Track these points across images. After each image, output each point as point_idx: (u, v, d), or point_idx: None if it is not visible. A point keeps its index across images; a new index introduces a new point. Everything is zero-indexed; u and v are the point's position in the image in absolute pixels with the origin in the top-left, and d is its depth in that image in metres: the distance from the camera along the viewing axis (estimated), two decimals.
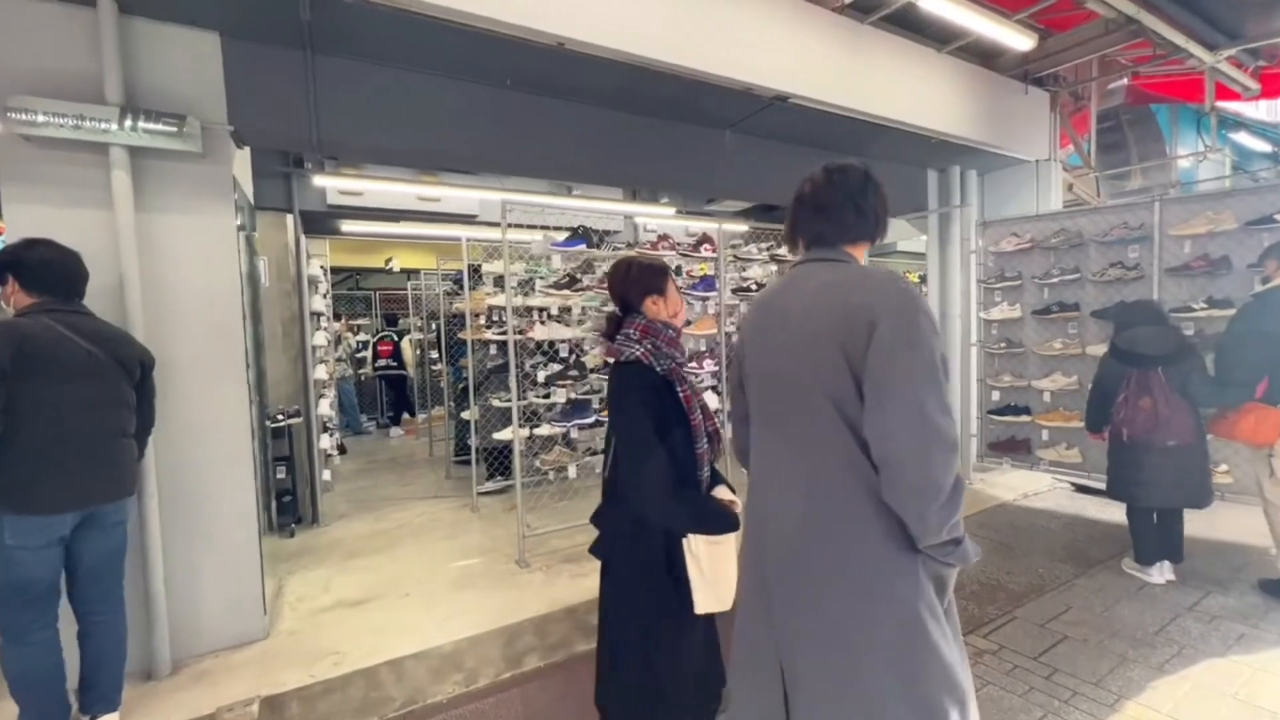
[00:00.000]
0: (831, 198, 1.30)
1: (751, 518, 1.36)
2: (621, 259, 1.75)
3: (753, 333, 1.39)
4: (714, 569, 1.58)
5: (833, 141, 4.67)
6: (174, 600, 2.61)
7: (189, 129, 2.48)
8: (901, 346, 1.08)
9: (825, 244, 1.31)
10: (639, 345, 1.60)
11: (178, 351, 2.61)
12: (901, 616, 1.12)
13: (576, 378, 3.78)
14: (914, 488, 1.06)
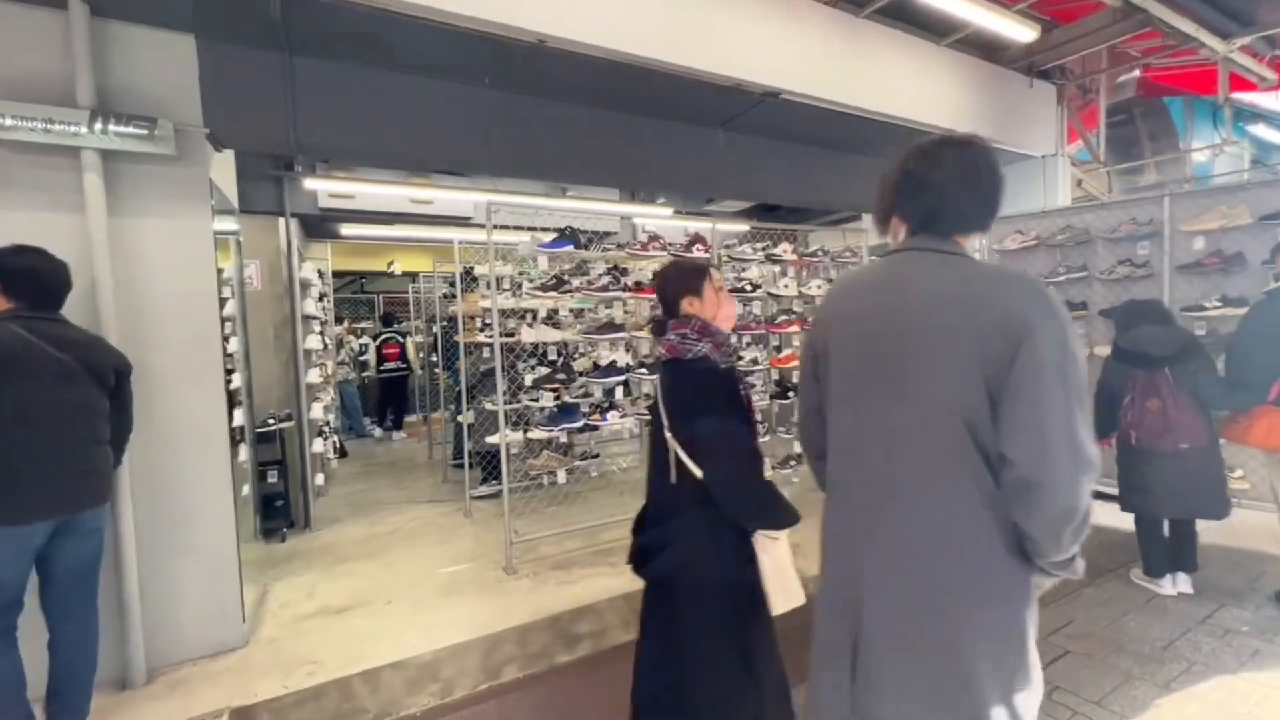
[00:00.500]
0: (951, 178, 1.13)
1: (836, 518, 1.24)
2: (668, 262, 1.74)
3: (840, 321, 1.24)
4: (780, 566, 1.55)
5: (829, 139, 4.58)
6: (150, 608, 2.58)
7: (161, 131, 2.45)
8: (1059, 360, 0.98)
9: (936, 231, 1.15)
10: (703, 343, 1.56)
11: (154, 356, 2.58)
12: (1012, 627, 1.08)
13: (564, 381, 3.71)
14: (1060, 511, 0.99)
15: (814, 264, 4.88)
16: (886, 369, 1.12)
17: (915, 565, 1.09)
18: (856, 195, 5.05)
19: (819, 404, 1.28)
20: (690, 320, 1.60)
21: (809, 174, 4.71)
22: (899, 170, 1.19)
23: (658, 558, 1.59)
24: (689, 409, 1.54)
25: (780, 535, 1.56)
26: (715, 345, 1.57)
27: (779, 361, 4.64)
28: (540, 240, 3.55)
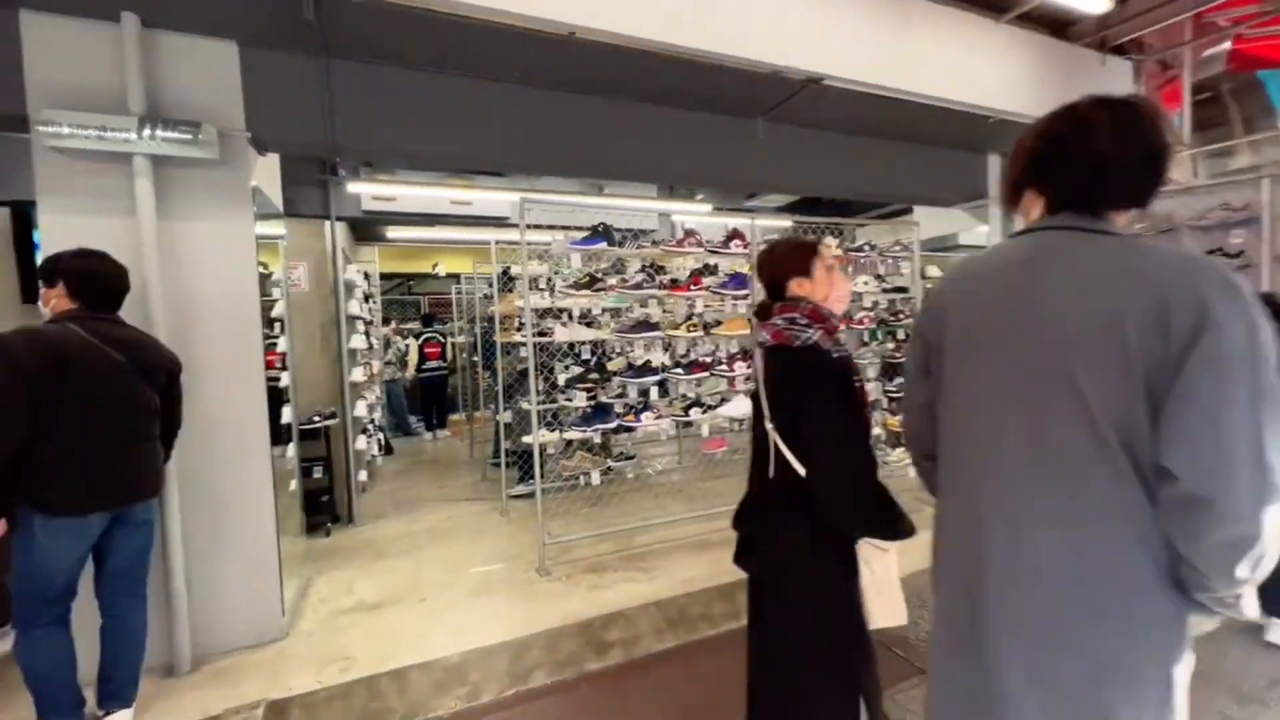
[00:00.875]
0: (1109, 144, 0.95)
1: (953, 534, 1.10)
2: (774, 240, 1.62)
3: (960, 308, 1.09)
4: (885, 580, 1.45)
5: (877, 127, 4.34)
6: (196, 599, 2.66)
7: (204, 136, 2.52)
8: (1246, 357, 0.83)
9: (1088, 207, 0.98)
10: (813, 329, 1.44)
11: (197, 355, 2.67)
12: (1160, 670, 0.93)
13: (597, 381, 3.65)
14: (1234, 537, 0.83)
15: (860, 260, 4.64)
16: (1021, 365, 0.97)
17: (1051, 596, 0.94)
18: (907, 186, 4.78)
19: (929, 400, 1.15)
20: (799, 303, 1.49)
21: (855, 165, 4.48)
22: (1040, 137, 1.02)
23: (753, 553, 1.54)
24: (794, 400, 1.44)
25: (889, 546, 1.45)
26: (827, 331, 1.45)
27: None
28: (573, 238, 3.49)
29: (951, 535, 1.08)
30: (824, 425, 1.39)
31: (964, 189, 5.05)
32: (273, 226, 3.49)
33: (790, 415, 1.44)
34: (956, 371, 1.08)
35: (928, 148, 4.77)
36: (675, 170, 3.88)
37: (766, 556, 1.52)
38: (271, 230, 3.51)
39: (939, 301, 1.15)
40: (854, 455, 1.39)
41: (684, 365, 3.88)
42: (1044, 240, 1.00)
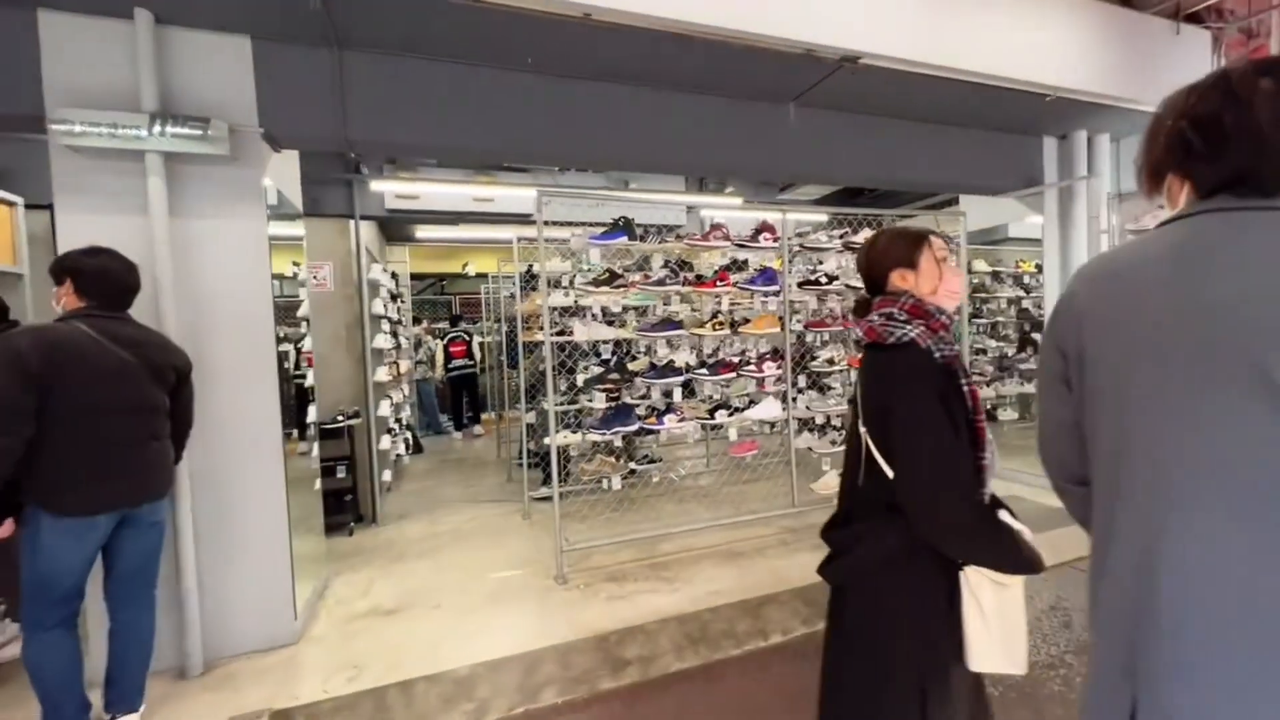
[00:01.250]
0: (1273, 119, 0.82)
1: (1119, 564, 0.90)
2: (876, 231, 1.51)
3: (1107, 311, 0.94)
4: (1000, 618, 1.27)
5: (919, 110, 4.05)
6: (207, 601, 2.64)
7: (214, 132, 2.49)
8: None
9: (1250, 191, 0.84)
10: (911, 326, 1.30)
11: (209, 354, 2.64)
12: None
13: (618, 382, 3.50)
14: None
15: None
16: (1199, 363, 0.81)
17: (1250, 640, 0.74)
18: (951, 174, 4.45)
19: (1072, 418, 0.99)
20: (899, 298, 1.35)
21: (894, 152, 4.18)
22: (1185, 115, 0.87)
23: (835, 562, 1.39)
24: (885, 403, 1.29)
25: (1009, 580, 1.26)
26: (930, 328, 1.30)
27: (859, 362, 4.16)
28: (592, 233, 3.35)
29: (1116, 570, 0.89)
30: (911, 429, 1.24)
31: (1016, 175, 4.68)
32: (292, 226, 3.46)
33: (879, 417, 1.30)
34: (1112, 381, 0.91)
35: (975, 131, 4.43)
36: (701, 161, 3.69)
37: (845, 568, 1.37)
38: (291, 230, 3.48)
39: (1074, 306, 0.98)
40: (944, 464, 1.22)
41: (709, 365, 3.69)
42: (1205, 225, 0.83)
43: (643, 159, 3.53)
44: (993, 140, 4.52)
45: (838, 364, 4.08)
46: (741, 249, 3.77)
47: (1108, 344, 0.90)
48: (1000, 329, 5.95)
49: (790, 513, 4.05)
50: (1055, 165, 4.76)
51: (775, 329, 3.85)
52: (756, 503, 4.44)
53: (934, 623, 1.28)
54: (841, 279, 4.11)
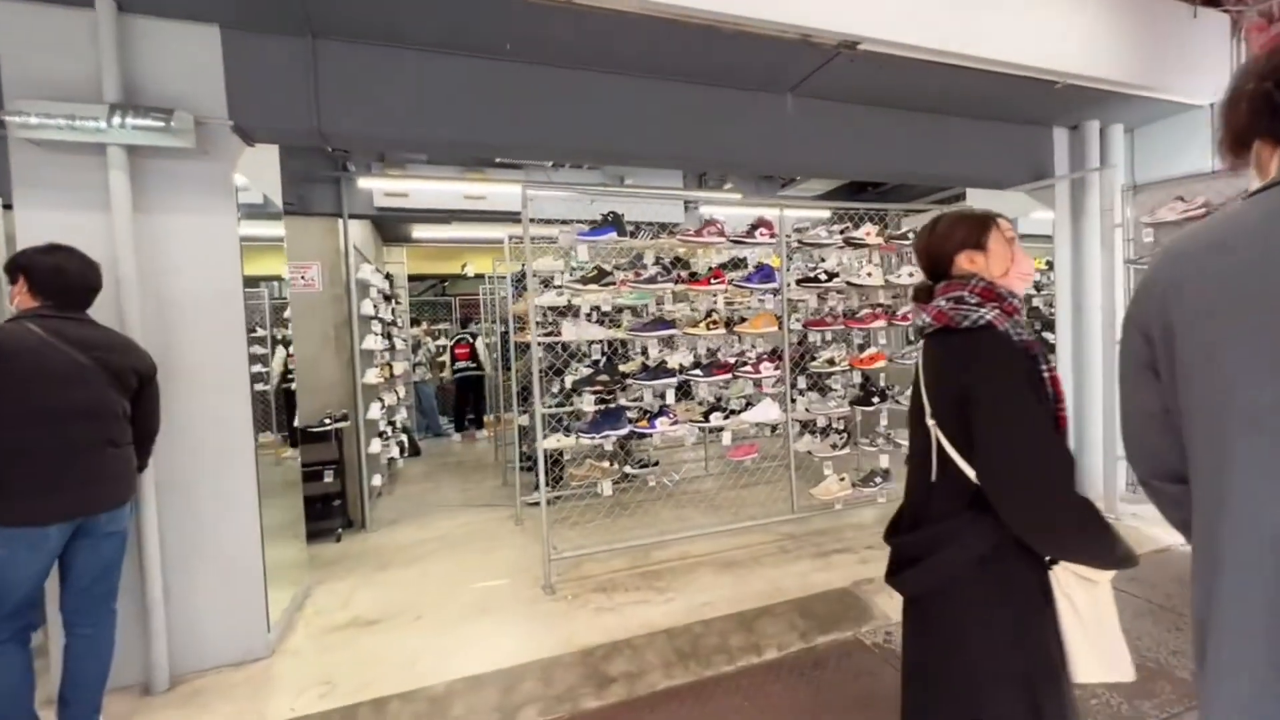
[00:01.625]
0: None
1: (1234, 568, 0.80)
2: (938, 214, 1.41)
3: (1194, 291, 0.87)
4: (1093, 619, 1.18)
5: (924, 98, 3.88)
6: (175, 613, 2.53)
7: (178, 123, 2.38)
8: None
9: None
10: (985, 308, 1.20)
11: (177, 356, 2.54)
12: None
13: (607, 384, 3.36)
14: None
15: (904, 248, 4.19)
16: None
17: None
18: (956, 167, 4.27)
19: (1162, 405, 0.91)
20: (968, 280, 1.26)
21: (896, 144, 4.02)
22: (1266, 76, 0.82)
23: (910, 570, 1.27)
24: (960, 390, 1.18)
25: (1100, 577, 1.17)
26: (1004, 311, 1.21)
27: (861, 362, 4.01)
28: (580, 229, 3.23)
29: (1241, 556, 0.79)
30: (1001, 417, 1.13)
31: (1024, 169, 4.50)
32: (274, 226, 3.36)
33: (956, 408, 1.19)
34: (1208, 358, 0.83)
35: (981, 122, 4.26)
36: (693, 154, 3.55)
37: (927, 575, 1.25)
38: (273, 231, 3.37)
39: (1157, 286, 0.91)
40: (1040, 451, 1.11)
41: (704, 366, 3.55)
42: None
43: (630, 151, 3.39)
44: (1000, 131, 4.35)
45: (839, 364, 3.93)
46: (737, 245, 3.63)
47: (1200, 326, 0.83)
48: None
49: (790, 519, 3.90)
50: (1066, 157, 4.58)
51: (773, 328, 3.71)
52: (755, 508, 4.29)
53: (1039, 627, 1.17)
54: (843, 276, 3.96)
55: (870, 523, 4.13)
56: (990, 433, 1.14)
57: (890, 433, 4.10)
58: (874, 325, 3.98)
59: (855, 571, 3.35)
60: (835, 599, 3.06)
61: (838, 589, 3.15)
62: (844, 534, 3.96)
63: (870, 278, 3.95)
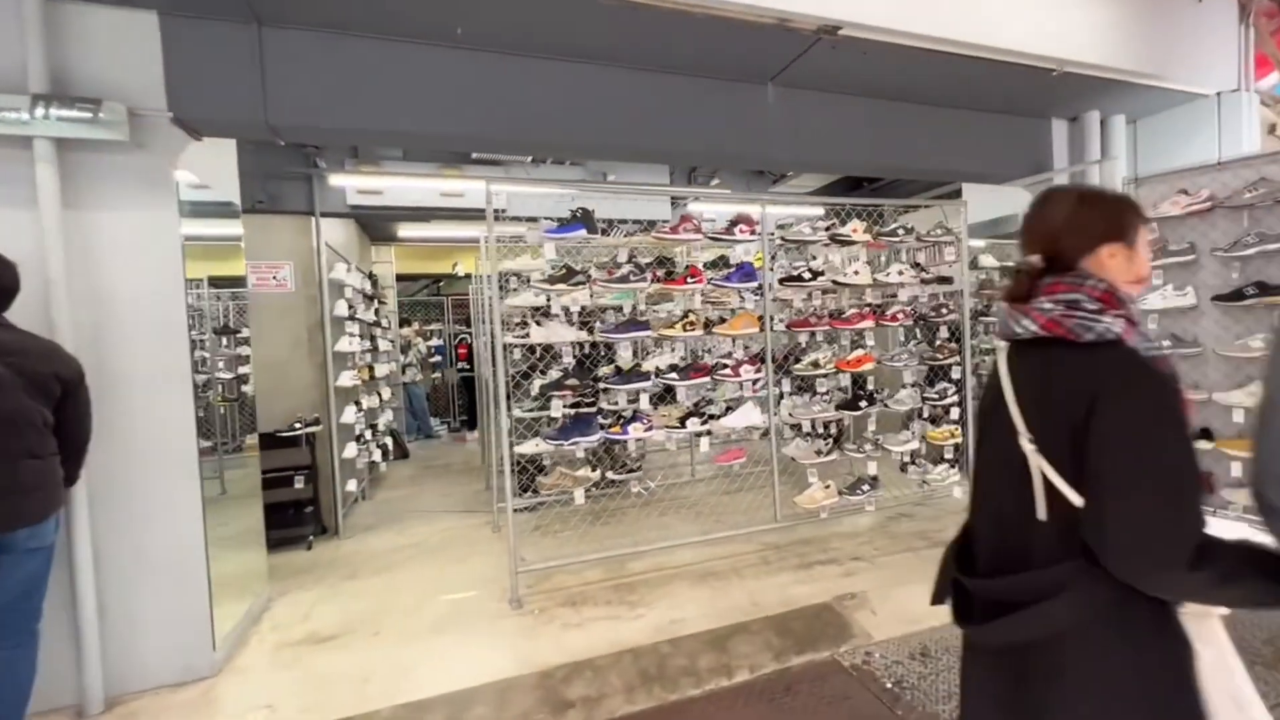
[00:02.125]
0: None
1: None
2: (1060, 189, 1.16)
3: None
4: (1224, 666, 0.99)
5: (914, 88, 3.71)
6: (112, 631, 2.41)
7: (107, 115, 2.25)
8: None
9: None
10: (1108, 318, 0.99)
11: (115, 361, 2.41)
12: None
13: (577, 387, 3.21)
14: None
15: (893, 245, 4.02)
16: None
17: None
18: (949, 161, 4.10)
19: None
20: (1084, 281, 1.03)
21: (886, 137, 3.85)
22: None
23: (1004, 618, 1.03)
24: (1085, 417, 0.96)
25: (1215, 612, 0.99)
26: (1129, 322, 1.01)
27: (849, 364, 3.84)
28: (548, 225, 3.08)
29: None
30: (1141, 447, 0.93)
31: (1022, 162, 4.31)
32: (229, 225, 3.22)
33: (1069, 436, 0.98)
34: None
35: (976, 114, 4.08)
36: (669, 147, 3.40)
37: (1030, 625, 1.02)
38: (227, 230, 3.24)
39: None
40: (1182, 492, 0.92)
41: (680, 369, 3.39)
42: None
43: (600, 144, 3.25)
44: (996, 124, 4.17)
45: (824, 366, 3.76)
46: (716, 242, 3.47)
47: None
48: None
49: (773, 528, 3.74)
50: (1065, 150, 4.39)
51: (754, 329, 3.54)
52: (739, 515, 4.13)
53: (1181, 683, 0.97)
54: (828, 274, 3.79)
55: (857, 531, 3.97)
56: (1124, 466, 0.93)
57: (879, 438, 3.93)
58: (861, 326, 3.82)
59: (837, 585, 3.19)
60: (814, 616, 2.90)
61: (817, 604, 2.99)
62: (829, 544, 3.80)
63: (857, 276, 3.78)
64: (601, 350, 4.08)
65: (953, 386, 4.05)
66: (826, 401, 3.84)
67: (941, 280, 4.19)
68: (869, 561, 3.47)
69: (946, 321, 4.08)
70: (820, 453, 3.73)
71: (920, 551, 3.58)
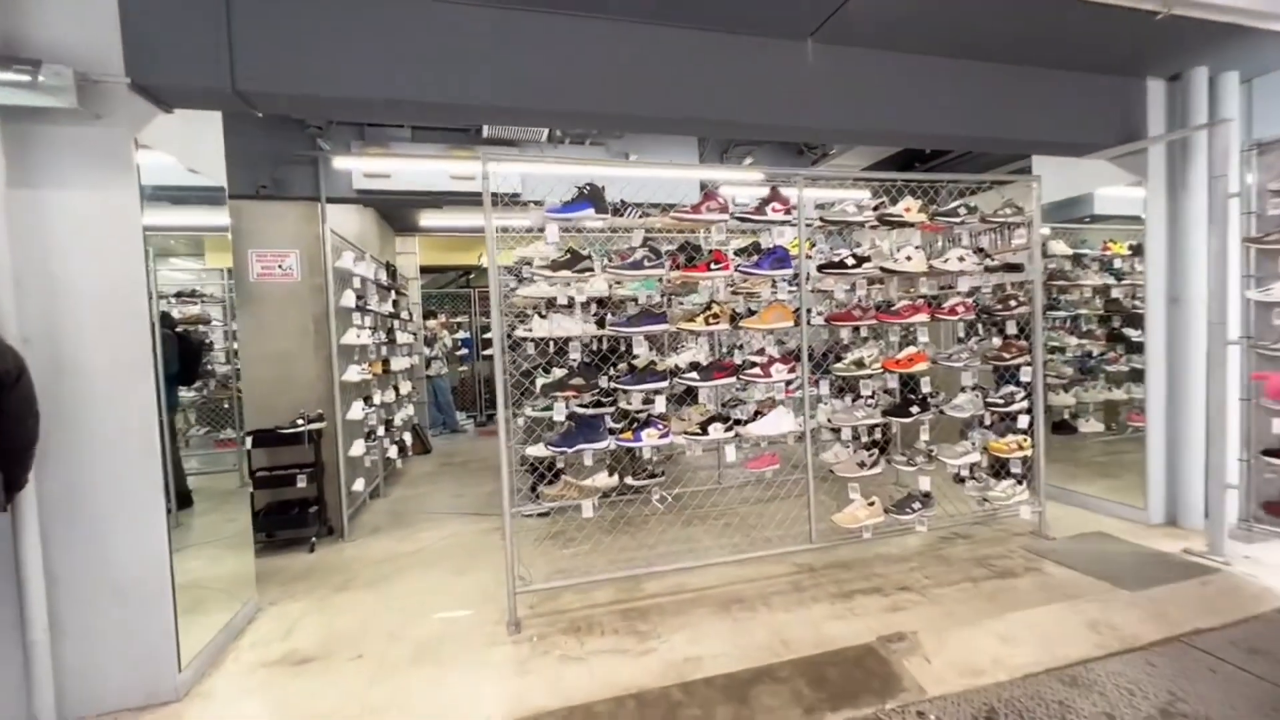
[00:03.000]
0: None
1: None
2: None
3: None
4: None
5: (980, 41, 3.17)
6: (68, 651, 2.20)
7: (49, 78, 2.01)
8: None
9: None
10: None
11: (68, 352, 2.19)
12: None
13: (582, 387, 2.86)
14: None
15: (952, 228, 3.49)
16: None
17: None
18: (1024, 129, 3.51)
19: None
20: None
21: (947, 102, 3.31)
22: None
23: None
24: None
25: None
26: None
27: (898, 364, 3.36)
28: (551, 205, 2.73)
29: None
30: None
31: (1108, 130, 3.69)
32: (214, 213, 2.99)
33: None
34: None
35: (1054, 72, 3.49)
36: (694, 114, 2.97)
37: None
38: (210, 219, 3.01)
39: None
40: None
41: (702, 369, 2.99)
42: None
43: (615, 114, 2.86)
44: (1079, 84, 3.57)
45: (869, 366, 3.29)
46: (744, 223, 3.04)
47: None
48: (1082, 323, 4.92)
49: (808, 549, 3.31)
50: (1163, 114, 3.74)
51: (788, 323, 3.11)
52: (770, 530, 3.72)
53: None
54: (874, 261, 3.31)
55: (905, 554, 3.48)
56: None
57: (933, 449, 3.43)
58: (914, 320, 3.32)
59: (882, 622, 2.73)
60: (854, 661, 2.46)
61: (859, 646, 2.55)
62: (872, 568, 3.33)
63: (910, 263, 3.28)
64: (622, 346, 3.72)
65: (1021, 390, 3.51)
66: (871, 406, 3.37)
67: (1009, 268, 3.64)
68: (920, 593, 3.00)
69: (1015, 315, 3.53)
70: (863, 465, 3.26)
71: (981, 583, 3.08)
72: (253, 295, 4.10)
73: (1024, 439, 3.49)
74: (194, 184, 2.82)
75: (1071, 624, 2.69)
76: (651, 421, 2.89)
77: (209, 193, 2.93)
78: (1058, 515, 3.91)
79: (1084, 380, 4.76)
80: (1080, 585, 3.02)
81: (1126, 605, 2.81)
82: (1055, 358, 4.69)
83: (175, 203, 2.78)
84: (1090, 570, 3.15)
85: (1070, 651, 2.50)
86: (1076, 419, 4.75)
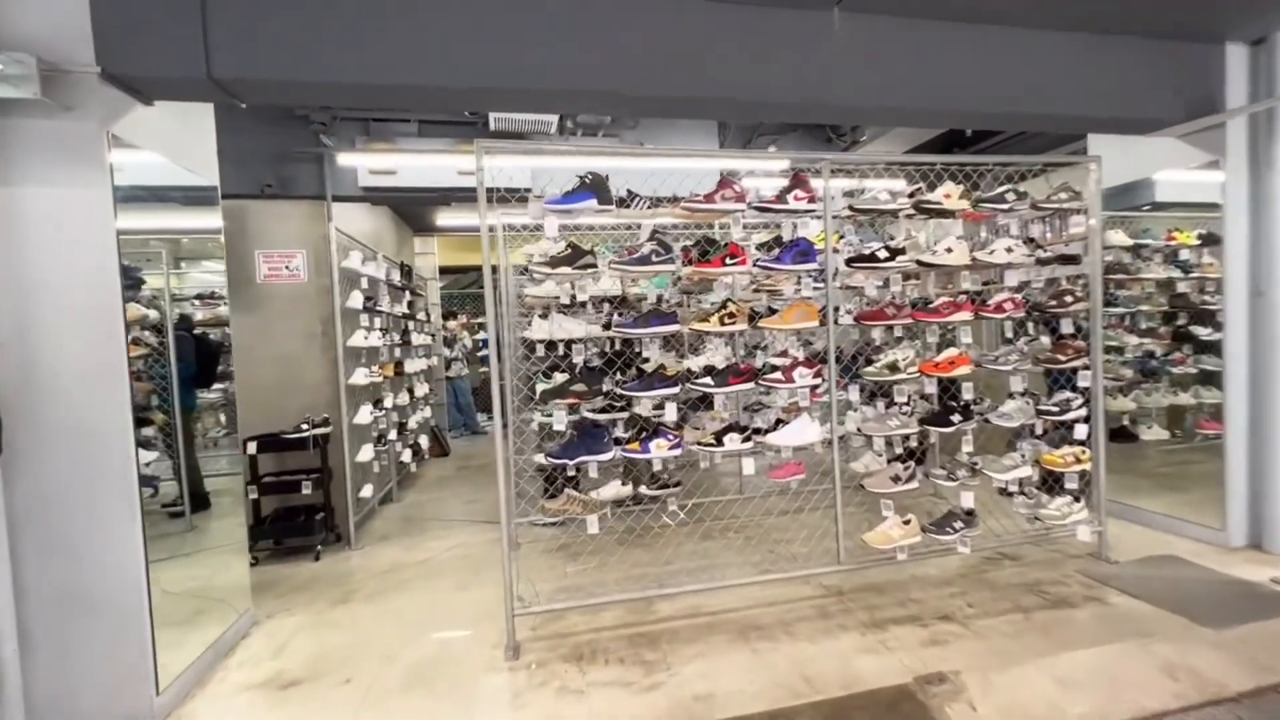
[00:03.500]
0: None
1: None
2: None
3: None
4: None
5: (1025, 6, 2.82)
6: (37, 671, 2.09)
7: (10, 68, 1.89)
8: None
9: None
10: None
11: (38, 359, 2.09)
12: None
13: (585, 394, 2.63)
14: None
15: (998, 216, 3.14)
16: None
17: None
18: (1081, 104, 3.13)
19: None
20: None
21: (991, 74, 2.97)
22: None
23: None
24: None
25: None
26: None
27: (937, 368, 3.04)
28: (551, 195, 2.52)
29: None
30: None
31: (1178, 103, 3.27)
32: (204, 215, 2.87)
33: None
34: None
35: (1115, 38, 3.10)
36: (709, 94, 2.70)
37: None
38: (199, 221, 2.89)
39: None
40: None
41: (717, 373, 2.74)
42: None
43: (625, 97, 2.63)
44: (1143, 51, 3.17)
45: (904, 370, 2.97)
46: (763, 213, 2.77)
47: None
48: (1142, 321, 4.46)
49: (835, 570, 3.02)
50: (1244, 84, 3.31)
51: (812, 322, 2.82)
52: (794, 546, 3.44)
53: None
54: (910, 254, 2.99)
55: (946, 577, 3.15)
56: None
57: (977, 461, 3.10)
58: (955, 319, 2.99)
59: (919, 658, 2.43)
60: (888, 706, 2.17)
61: (892, 688, 2.26)
62: (908, 592, 3.02)
63: (950, 255, 2.96)
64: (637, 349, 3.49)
65: (1079, 397, 3.14)
66: (906, 414, 3.05)
67: (1064, 260, 3.27)
68: (963, 624, 2.68)
69: (1071, 313, 3.16)
70: (898, 479, 2.95)
71: (1033, 614, 2.74)
72: (259, 297, 4.02)
73: (1082, 451, 3.12)
74: (183, 183, 2.71)
75: (1142, 667, 2.34)
76: (661, 431, 2.65)
77: (200, 192, 2.82)
78: (1119, 534, 3.51)
79: (1145, 383, 4.31)
80: (1150, 619, 2.65)
81: (1209, 646, 2.44)
82: (1113, 358, 4.26)
83: (162, 202, 2.67)
84: (1161, 601, 2.78)
85: (1143, 700, 2.16)
86: (1137, 425, 4.31)
